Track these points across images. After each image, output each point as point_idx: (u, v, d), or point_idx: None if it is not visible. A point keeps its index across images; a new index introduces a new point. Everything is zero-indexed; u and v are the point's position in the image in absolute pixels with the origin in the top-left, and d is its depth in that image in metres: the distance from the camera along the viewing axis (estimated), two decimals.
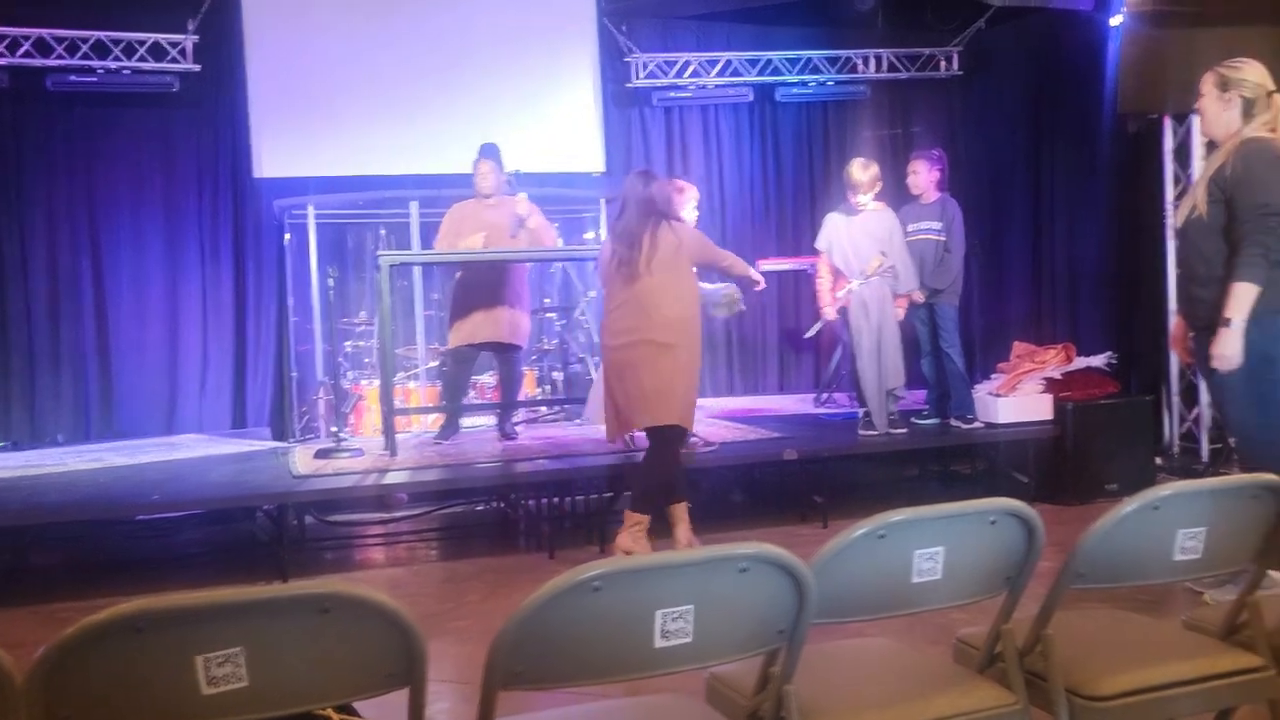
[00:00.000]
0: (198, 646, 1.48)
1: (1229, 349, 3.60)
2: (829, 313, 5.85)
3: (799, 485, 5.76)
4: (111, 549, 5.50)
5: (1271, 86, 3.69)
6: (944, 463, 6.48)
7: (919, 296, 5.79)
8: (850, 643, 2.27)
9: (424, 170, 7.25)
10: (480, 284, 5.83)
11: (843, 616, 1.83)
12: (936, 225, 5.88)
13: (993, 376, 6.16)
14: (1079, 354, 6.05)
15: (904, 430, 5.79)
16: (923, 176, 5.96)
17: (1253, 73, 3.69)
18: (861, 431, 5.78)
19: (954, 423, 5.95)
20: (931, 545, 1.85)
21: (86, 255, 7.36)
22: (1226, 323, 3.59)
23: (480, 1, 7.75)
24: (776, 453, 5.52)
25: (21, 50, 6.90)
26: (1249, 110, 3.67)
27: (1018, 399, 5.90)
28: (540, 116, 7.76)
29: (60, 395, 7.28)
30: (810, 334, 6.76)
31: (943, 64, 8.46)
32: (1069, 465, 5.77)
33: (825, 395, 7.47)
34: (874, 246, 5.62)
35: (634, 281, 4.44)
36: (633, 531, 4.48)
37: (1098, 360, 6.01)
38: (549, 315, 7.41)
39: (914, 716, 1.88)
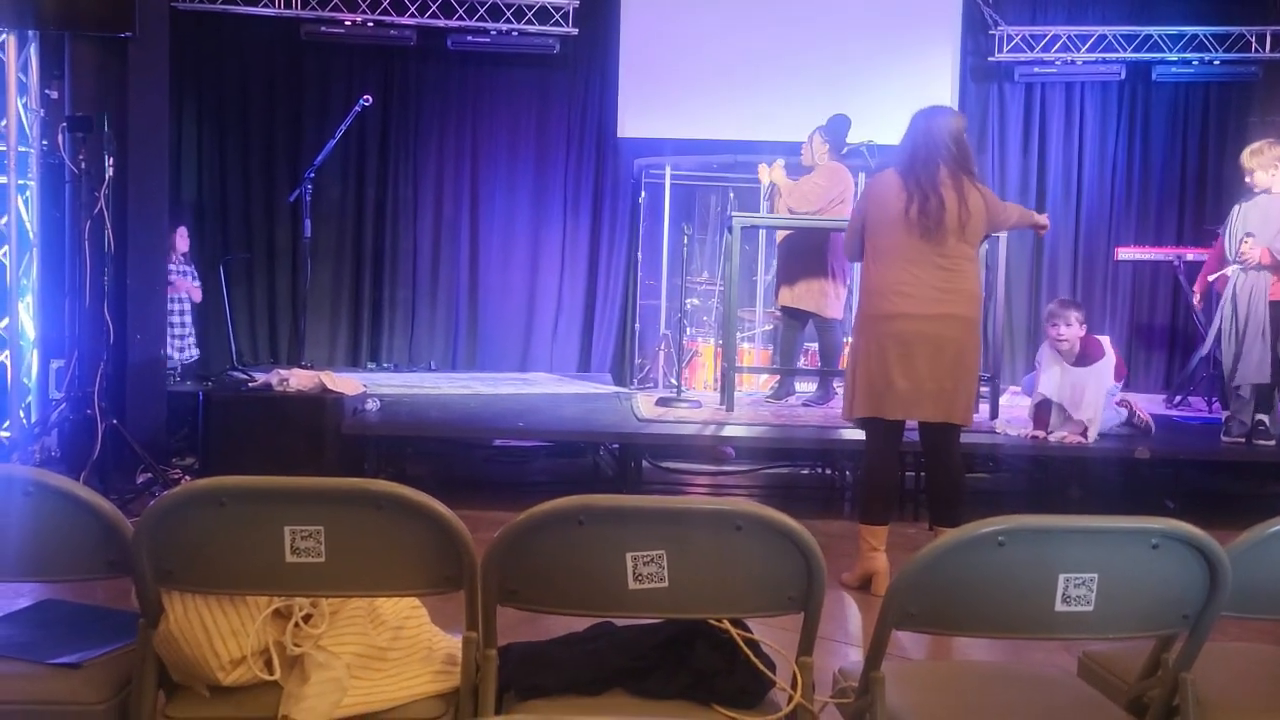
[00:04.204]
0: (628, 544, 1.64)
1: None
2: (1196, 297, 5.42)
3: (1147, 488, 5.42)
4: (471, 469, 6.06)
5: None
6: None
7: None
8: (1237, 645, 2.16)
9: (775, 138, 7.37)
10: (797, 250, 5.96)
11: (1253, 612, 1.75)
12: None
13: None
14: None
15: (1272, 441, 5.28)
16: None
17: None
18: (1224, 438, 5.35)
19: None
20: None
21: (466, 202, 8.12)
22: None
23: None
24: (1126, 450, 5.21)
25: (429, 12, 7.66)
26: None
27: None
28: (893, 88, 7.67)
29: (435, 327, 8.15)
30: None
31: None
32: None
33: (1179, 396, 6.95)
34: (1259, 232, 5.13)
35: (942, 242, 3.76)
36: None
37: None
38: None
39: None
